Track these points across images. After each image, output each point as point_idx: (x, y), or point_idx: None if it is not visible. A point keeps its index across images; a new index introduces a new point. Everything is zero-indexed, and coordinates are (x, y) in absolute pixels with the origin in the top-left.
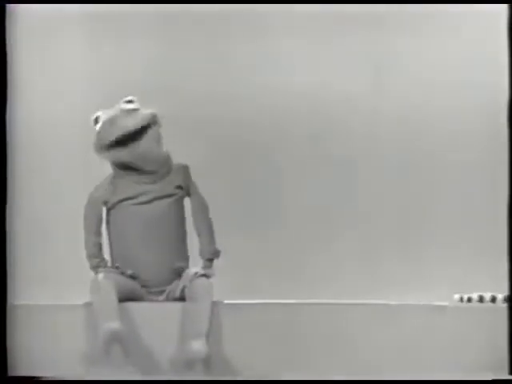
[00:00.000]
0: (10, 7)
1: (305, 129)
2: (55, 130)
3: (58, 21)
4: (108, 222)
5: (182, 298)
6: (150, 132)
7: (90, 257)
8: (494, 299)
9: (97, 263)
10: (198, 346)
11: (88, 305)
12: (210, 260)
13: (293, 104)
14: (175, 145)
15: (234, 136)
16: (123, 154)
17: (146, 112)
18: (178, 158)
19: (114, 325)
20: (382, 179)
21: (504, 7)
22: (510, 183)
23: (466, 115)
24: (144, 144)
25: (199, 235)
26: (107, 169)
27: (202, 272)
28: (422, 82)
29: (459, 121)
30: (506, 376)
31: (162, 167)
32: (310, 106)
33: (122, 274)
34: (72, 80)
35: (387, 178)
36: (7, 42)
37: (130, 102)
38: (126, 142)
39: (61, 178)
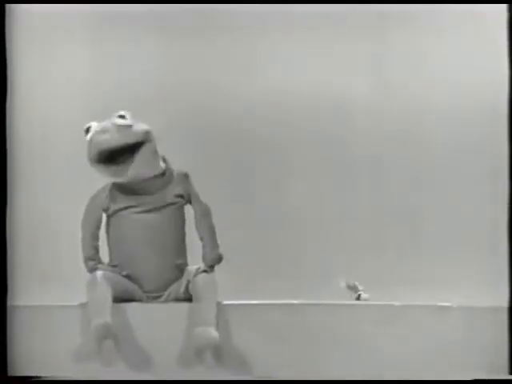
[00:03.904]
0: (10, 7)
1: (305, 129)
2: (55, 129)
3: (58, 21)
4: (108, 228)
5: (185, 296)
6: (142, 150)
7: (86, 259)
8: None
9: (93, 265)
10: (211, 331)
11: (86, 305)
12: (212, 266)
13: (293, 104)
14: (175, 144)
15: (234, 135)
16: (109, 174)
17: (138, 129)
18: (177, 158)
19: (104, 320)
20: (382, 179)
21: (504, 7)
22: (511, 183)
23: (466, 115)
24: (133, 165)
25: (202, 241)
26: None
27: (204, 268)
28: (422, 81)
29: (459, 121)
30: (506, 376)
31: (159, 180)
32: (311, 105)
33: (119, 273)
34: (72, 80)
35: (388, 178)
36: (7, 42)
37: (122, 117)
38: (112, 160)
39: (61, 178)
